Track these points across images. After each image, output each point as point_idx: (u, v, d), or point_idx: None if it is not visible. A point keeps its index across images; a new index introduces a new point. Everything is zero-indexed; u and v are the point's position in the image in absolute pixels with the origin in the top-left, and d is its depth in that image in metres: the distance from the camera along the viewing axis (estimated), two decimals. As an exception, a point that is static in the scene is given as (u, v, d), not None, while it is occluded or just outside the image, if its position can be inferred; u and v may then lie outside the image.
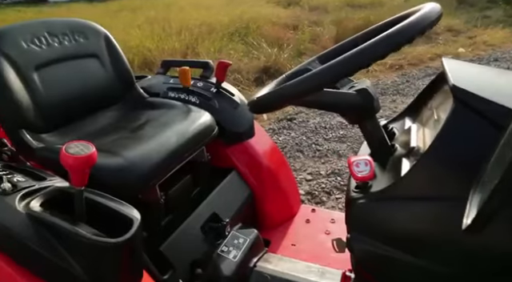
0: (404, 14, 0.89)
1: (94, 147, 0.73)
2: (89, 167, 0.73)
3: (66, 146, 0.72)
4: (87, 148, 0.73)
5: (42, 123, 1.14)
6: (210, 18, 6.55)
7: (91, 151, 0.73)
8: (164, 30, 5.85)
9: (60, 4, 10.89)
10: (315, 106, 0.93)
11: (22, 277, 0.77)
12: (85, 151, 0.72)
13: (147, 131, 1.17)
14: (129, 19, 7.19)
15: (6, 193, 0.80)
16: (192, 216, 1.19)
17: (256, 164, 1.46)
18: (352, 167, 0.75)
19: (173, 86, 1.50)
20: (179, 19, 6.43)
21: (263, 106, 0.84)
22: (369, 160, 0.75)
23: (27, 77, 1.13)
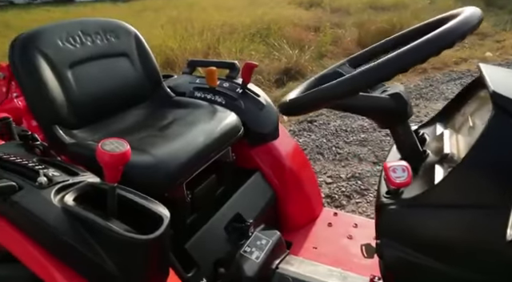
0: (439, 18, 0.87)
1: (128, 145, 0.75)
2: (123, 165, 0.75)
3: (102, 143, 0.74)
4: (122, 146, 0.75)
5: (74, 120, 1.17)
6: (231, 18, 6.58)
7: (126, 148, 0.74)
8: (186, 30, 5.91)
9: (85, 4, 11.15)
10: (347, 110, 0.92)
11: (55, 268, 0.79)
12: (120, 148, 0.74)
13: (174, 130, 1.19)
14: (151, 19, 7.29)
15: (42, 187, 0.83)
16: (216, 216, 1.20)
17: (280, 166, 1.46)
18: (388, 173, 0.74)
19: (199, 85, 1.52)
20: (201, 19, 6.48)
21: (296, 109, 0.84)
22: (406, 166, 0.74)
23: (62, 74, 1.16)
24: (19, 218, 0.81)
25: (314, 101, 0.78)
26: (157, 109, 1.38)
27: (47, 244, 0.79)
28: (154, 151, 1.05)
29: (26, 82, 1.12)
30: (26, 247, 0.80)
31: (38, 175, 0.85)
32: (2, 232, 0.83)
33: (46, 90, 1.11)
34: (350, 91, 0.73)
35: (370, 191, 2.51)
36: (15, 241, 0.81)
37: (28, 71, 1.11)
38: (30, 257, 0.81)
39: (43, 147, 1.25)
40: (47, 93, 1.11)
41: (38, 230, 0.79)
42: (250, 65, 1.45)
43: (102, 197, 0.84)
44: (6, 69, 1.46)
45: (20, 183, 0.83)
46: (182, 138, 1.13)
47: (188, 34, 5.66)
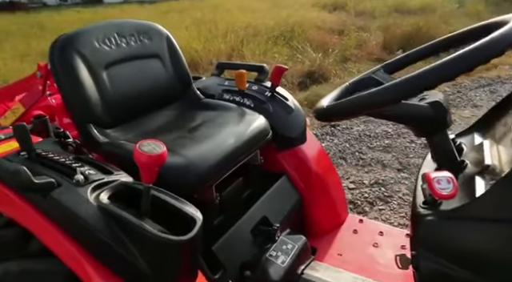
0: (482, 25, 0.84)
1: (165, 147, 0.76)
2: (159, 166, 0.76)
3: (140, 144, 0.75)
4: (159, 147, 0.75)
5: (107, 119, 1.20)
6: (255, 20, 6.60)
7: (162, 150, 0.75)
8: (210, 31, 5.97)
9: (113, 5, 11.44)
10: (383, 117, 0.90)
11: (89, 264, 0.80)
12: (157, 149, 0.75)
13: (204, 132, 1.19)
14: (176, 20, 7.40)
15: (79, 184, 0.85)
16: (243, 218, 1.20)
17: (306, 170, 1.45)
18: (433, 184, 0.72)
19: (228, 88, 1.52)
20: (225, 21, 6.53)
21: (333, 115, 0.83)
22: (451, 177, 0.72)
23: (97, 75, 1.19)
24: (57, 214, 0.83)
25: (354, 108, 0.77)
26: (186, 110, 1.40)
27: (83, 241, 0.81)
28: (185, 153, 1.05)
29: (64, 81, 1.15)
30: (63, 243, 0.82)
31: (74, 173, 0.87)
32: (40, 227, 0.85)
33: (82, 89, 1.14)
34: (393, 99, 0.72)
35: (394, 198, 2.46)
36: (52, 236, 0.84)
37: (66, 71, 1.14)
38: (66, 252, 0.83)
39: (76, 145, 1.28)
40: (83, 92, 1.14)
41: (75, 226, 0.81)
42: (279, 68, 1.45)
43: (134, 196, 0.86)
44: (43, 68, 1.51)
45: (58, 180, 0.85)
46: (212, 140, 1.13)
47: (212, 36, 5.71)
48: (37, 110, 1.67)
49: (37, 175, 0.81)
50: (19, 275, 0.90)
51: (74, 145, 1.26)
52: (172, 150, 1.06)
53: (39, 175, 0.84)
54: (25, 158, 0.96)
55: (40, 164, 0.93)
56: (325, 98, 0.95)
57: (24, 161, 0.94)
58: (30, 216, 0.86)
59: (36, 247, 0.93)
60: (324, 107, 0.83)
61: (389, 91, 0.71)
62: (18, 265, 0.91)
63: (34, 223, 0.86)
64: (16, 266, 0.91)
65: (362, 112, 0.82)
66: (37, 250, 0.94)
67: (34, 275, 0.91)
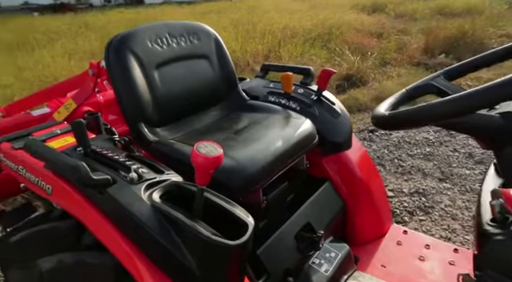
0: None
1: (221, 150, 0.75)
2: (215, 168, 0.75)
3: (197, 145, 0.74)
4: (216, 150, 0.74)
5: (157, 118, 1.21)
6: (293, 22, 6.56)
7: (219, 153, 0.74)
8: (248, 32, 5.99)
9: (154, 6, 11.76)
10: (448, 127, 0.85)
11: (140, 261, 0.81)
12: (214, 152, 0.74)
13: (252, 134, 1.18)
14: (214, 21, 7.48)
15: (133, 182, 0.86)
16: (287, 224, 1.17)
17: (351, 177, 1.40)
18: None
19: (273, 90, 1.50)
20: (263, 22, 6.54)
21: (396, 124, 0.79)
22: None
23: (149, 74, 1.20)
24: (111, 210, 0.84)
25: (424, 117, 0.72)
26: (232, 111, 1.39)
27: (135, 238, 0.82)
28: (234, 154, 1.04)
29: (118, 80, 1.17)
30: (116, 239, 0.83)
31: (129, 171, 0.87)
32: (95, 222, 0.87)
33: (135, 88, 1.16)
34: (468, 109, 0.67)
35: (436, 209, 2.35)
36: (106, 231, 0.85)
37: (120, 70, 1.16)
38: (118, 248, 0.84)
39: (124, 142, 1.31)
40: (136, 91, 1.16)
41: (128, 223, 0.81)
42: (327, 72, 1.41)
43: (185, 197, 0.85)
44: (95, 66, 1.55)
45: (113, 177, 0.86)
46: (261, 142, 1.12)
47: (249, 37, 5.73)
48: (86, 107, 1.72)
49: (93, 171, 0.82)
50: (72, 266, 0.93)
51: (123, 142, 1.29)
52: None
53: (95, 172, 0.85)
54: (81, 153, 0.98)
55: (95, 160, 0.95)
56: (382, 106, 0.90)
57: (81, 157, 0.96)
58: (85, 210, 0.87)
59: (89, 240, 0.95)
60: (386, 116, 0.79)
61: (465, 100, 0.66)
62: (72, 256, 0.93)
63: (88, 218, 0.88)
64: (70, 257, 0.93)
65: (432, 122, 0.77)
66: (90, 243, 0.96)
67: (86, 267, 0.93)
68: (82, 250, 0.95)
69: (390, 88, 4.07)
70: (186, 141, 1.14)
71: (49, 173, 0.94)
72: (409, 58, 5.03)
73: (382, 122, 0.81)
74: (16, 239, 1.05)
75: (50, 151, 0.92)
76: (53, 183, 0.94)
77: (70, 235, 0.98)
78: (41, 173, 0.96)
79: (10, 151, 1.09)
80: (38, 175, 0.98)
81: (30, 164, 0.99)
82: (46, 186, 0.96)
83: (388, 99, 0.93)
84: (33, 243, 1.04)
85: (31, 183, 1.01)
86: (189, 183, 0.88)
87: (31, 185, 1.02)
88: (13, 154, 1.08)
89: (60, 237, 1.00)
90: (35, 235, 1.02)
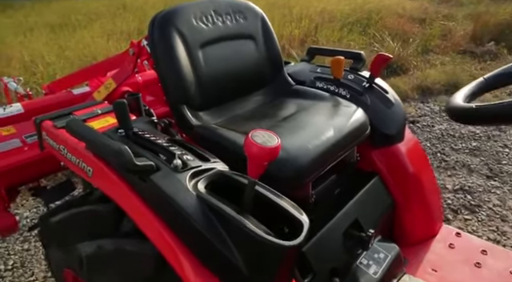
0: None
1: (279, 140, 0.66)
2: (270, 160, 0.66)
3: (253, 133, 0.65)
4: (272, 139, 0.66)
5: (200, 101, 1.13)
6: (330, 5, 6.27)
7: (276, 143, 0.65)
8: (284, 16, 5.78)
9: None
10: None
11: (182, 253, 0.74)
12: (270, 142, 0.65)
13: (301, 121, 1.08)
14: (250, 4, 7.28)
15: (178, 170, 0.78)
16: (334, 220, 1.08)
17: (402, 172, 1.28)
18: None
19: (321, 75, 1.39)
20: (299, 6, 6.29)
21: (490, 118, 0.66)
22: None
23: (193, 54, 1.12)
24: (154, 198, 0.77)
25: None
26: (277, 96, 1.29)
27: (178, 229, 0.75)
28: (283, 143, 0.94)
29: (162, 59, 1.10)
30: (158, 229, 0.77)
31: (173, 157, 0.80)
32: (136, 209, 0.81)
33: (178, 68, 1.08)
34: None
35: (483, 208, 2.18)
36: (147, 220, 0.79)
37: (164, 49, 1.08)
38: (160, 239, 0.77)
39: (165, 125, 1.24)
40: (180, 71, 1.08)
41: (172, 214, 0.74)
42: (383, 57, 1.28)
43: (231, 187, 0.78)
44: (136, 46, 1.49)
45: (157, 164, 0.79)
46: (311, 132, 1.02)
47: (285, 21, 5.53)
48: (125, 87, 1.67)
49: (135, 156, 0.76)
50: (112, 253, 0.88)
51: (163, 125, 1.23)
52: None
53: (138, 156, 0.79)
54: (123, 136, 0.92)
55: (137, 144, 0.88)
56: (457, 96, 0.78)
57: (123, 139, 0.90)
58: (126, 197, 0.82)
59: (128, 227, 0.90)
60: (473, 108, 0.66)
61: None
62: (112, 243, 0.88)
63: (129, 204, 0.82)
64: (110, 244, 0.88)
65: None
66: (129, 229, 0.90)
67: (126, 255, 0.88)
68: (121, 237, 0.90)
69: (433, 77, 3.82)
70: (230, 127, 1.05)
71: (90, 155, 0.89)
72: (454, 46, 4.69)
73: (465, 116, 0.69)
74: (56, 219, 1.01)
75: (92, 132, 0.86)
76: (94, 166, 0.88)
77: (110, 219, 0.93)
78: (82, 154, 0.91)
79: (52, 129, 1.05)
80: (79, 156, 0.93)
81: (72, 145, 0.94)
82: (86, 168, 0.91)
83: (463, 89, 0.80)
84: (72, 225, 1.00)
85: (72, 163, 0.96)
86: (237, 173, 0.80)
87: (72, 166, 0.97)
88: (54, 133, 1.04)
89: (99, 221, 0.95)
90: (75, 217, 0.98)
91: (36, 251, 2.09)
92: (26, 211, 2.45)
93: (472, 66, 4.18)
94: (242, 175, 0.78)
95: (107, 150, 0.76)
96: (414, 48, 4.56)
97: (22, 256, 2.07)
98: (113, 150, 0.73)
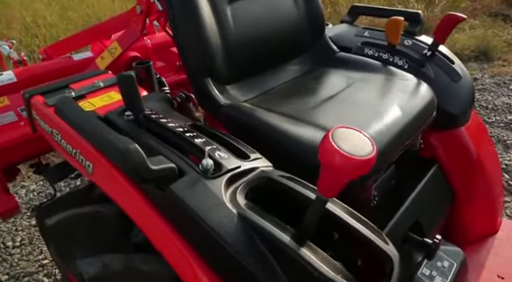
0: None
1: (374, 147, 0.41)
2: (357, 177, 0.42)
3: (334, 134, 0.41)
4: (366, 145, 0.41)
5: (227, 72, 0.87)
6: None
7: (371, 152, 0.41)
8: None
9: None
10: None
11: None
12: (363, 148, 0.41)
13: (356, 101, 0.83)
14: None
15: (209, 175, 0.55)
16: (393, 222, 0.85)
17: (465, 159, 1.04)
18: None
19: (370, 40, 1.10)
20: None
21: None
22: None
23: (220, 11, 0.84)
24: (176, 214, 0.54)
25: None
26: (317, 65, 1.02)
27: (208, 253, 0.53)
28: None
29: (180, 16, 0.82)
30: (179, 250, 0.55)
31: (202, 155, 0.57)
32: (151, 225, 0.58)
33: (202, 29, 0.81)
34: None
35: (523, 189, 1.95)
36: (166, 238, 0.56)
37: (183, 3, 0.81)
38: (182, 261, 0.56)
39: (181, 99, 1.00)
40: (203, 33, 0.81)
41: (200, 235, 0.52)
42: (453, 18, 0.99)
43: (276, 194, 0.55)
44: (145, 2, 1.20)
45: (179, 165, 0.55)
46: (372, 115, 0.77)
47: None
48: (132, 52, 1.41)
49: (148, 152, 0.52)
50: (120, 275, 0.67)
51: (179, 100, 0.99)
52: (316, 123, 0.72)
53: (152, 153, 0.56)
54: (131, 120, 0.68)
55: (150, 133, 0.65)
56: None
57: (131, 126, 0.66)
58: (138, 208, 0.59)
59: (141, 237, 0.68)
60: None
61: None
62: (120, 261, 0.67)
63: (141, 217, 0.60)
64: (117, 262, 0.67)
65: None
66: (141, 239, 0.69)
67: (137, 274, 0.67)
68: (131, 250, 0.68)
69: (461, 42, 3.45)
70: (267, 106, 0.80)
71: (89, 146, 0.65)
72: (484, 8, 4.24)
73: None
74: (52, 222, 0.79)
75: (88, 119, 0.61)
76: (94, 161, 0.65)
77: (116, 224, 0.71)
78: (79, 144, 0.68)
79: (43, 108, 0.81)
80: (76, 145, 0.70)
81: (66, 130, 0.71)
82: (85, 162, 0.68)
83: None
84: (71, 231, 0.79)
85: (67, 153, 0.73)
86: (290, 177, 0.57)
87: (68, 156, 0.74)
88: (45, 112, 0.80)
89: (103, 227, 0.73)
90: (74, 221, 0.77)
91: (44, 227, 1.93)
92: (33, 183, 2.28)
93: (505, 31, 3.77)
94: (300, 181, 0.55)
95: (110, 149, 0.52)
96: (440, 10, 4.13)
97: (29, 233, 1.92)
98: (118, 151, 0.50)
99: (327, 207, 0.51)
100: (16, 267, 1.74)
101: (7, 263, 1.75)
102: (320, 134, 0.68)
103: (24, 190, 2.21)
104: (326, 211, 0.50)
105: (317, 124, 0.72)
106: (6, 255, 1.79)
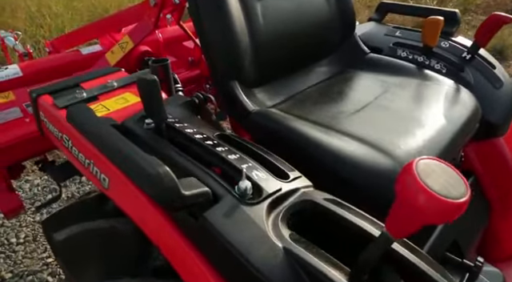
0: None
1: (468, 187, 0.33)
2: (442, 222, 0.34)
3: (418, 165, 0.33)
4: (458, 184, 0.33)
5: (254, 73, 0.78)
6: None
7: (465, 195, 0.33)
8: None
9: None
10: None
11: None
12: (455, 189, 0.33)
13: (398, 110, 0.74)
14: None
15: (247, 200, 0.46)
16: (431, 242, 0.77)
17: (504, 171, 0.96)
18: None
19: (403, 41, 1.01)
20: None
21: None
22: None
23: (249, 5, 0.75)
24: (210, 245, 0.46)
25: None
26: (347, 67, 0.94)
27: None
28: (383, 144, 0.62)
29: (206, 11, 0.73)
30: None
31: (238, 176, 0.48)
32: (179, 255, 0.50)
33: (231, 26, 0.72)
34: None
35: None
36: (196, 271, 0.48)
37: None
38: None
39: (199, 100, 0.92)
40: (232, 31, 0.72)
41: (240, 271, 0.44)
42: (499, 19, 0.90)
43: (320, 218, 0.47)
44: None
45: (213, 187, 0.47)
46: (418, 125, 0.68)
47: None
48: (144, 46, 1.32)
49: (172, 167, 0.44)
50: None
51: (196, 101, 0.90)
52: (361, 138, 0.64)
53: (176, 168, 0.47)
54: (151, 130, 0.60)
55: (175, 145, 0.56)
56: None
57: (151, 137, 0.58)
58: (165, 234, 0.51)
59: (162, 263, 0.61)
60: None
61: None
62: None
63: (168, 245, 0.52)
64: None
65: None
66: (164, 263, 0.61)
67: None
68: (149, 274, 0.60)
69: (474, 41, 3.34)
70: (299, 113, 0.72)
71: (106, 159, 0.57)
72: (498, 5, 4.12)
73: None
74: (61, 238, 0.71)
75: (106, 131, 0.53)
76: (111, 176, 0.57)
77: (134, 244, 0.63)
78: (94, 155, 0.60)
79: (52, 110, 0.73)
80: (89, 155, 0.61)
81: (79, 139, 0.63)
82: (100, 175, 0.59)
83: None
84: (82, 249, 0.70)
85: (79, 162, 0.65)
86: (338, 201, 0.49)
87: (79, 165, 0.66)
88: (55, 116, 0.71)
89: (119, 247, 0.65)
90: (85, 237, 0.68)
91: (49, 224, 1.87)
92: (37, 178, 2.20)
93: (520, 29, 3.66)
94: (351, 207, 0.47)
95: (135, 171, 0.44)
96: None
97: (34, 229, 1.85)
98: (146, 175, 0.41)
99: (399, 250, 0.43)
100: (20, 264, 1.67)
101: (11, 260, 1.68)
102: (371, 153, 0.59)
103: (28, 184, 2.14)
104: (393, 252, 0.42)
105: (363, 139, 0.63)
106: (9, 251, 1.72)
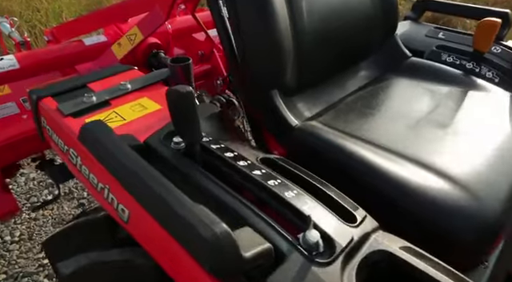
0: None
1: None
2: None
3: None
4: None
5: (295, 79, 0.66)
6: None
7: None
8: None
9: None
10: None
11: None
12: None
13: (455, 127, 0.63)
14: None
15: (320, 260, 0.35)
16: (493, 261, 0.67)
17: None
18: None
19: (447, 44, 0.89)
20: None
21: None
22: None
23: (294, 2, 0.62)
24: None
25: None
26: (387, 71, 0.82)
27: None
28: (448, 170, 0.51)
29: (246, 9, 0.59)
30: None
31: (306, 225, 0.37)
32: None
33: (275, 26, 0.58)
34: None
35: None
36: None
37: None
38: None
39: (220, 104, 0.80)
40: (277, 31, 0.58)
41: None
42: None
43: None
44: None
45: (271, 238, 0.36)
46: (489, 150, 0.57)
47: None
48: (152, 38, 1.20)
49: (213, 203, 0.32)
50: None
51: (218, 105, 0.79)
52: (436, 169, 0.53)
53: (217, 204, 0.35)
54: (182, 151, 0.47)
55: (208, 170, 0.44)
56: None
57: (182, 162, 0.46)
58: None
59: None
60: None
61: None
62: None
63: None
64: None
65: None
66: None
67: None
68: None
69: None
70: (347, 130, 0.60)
71: None
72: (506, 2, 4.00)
73: None
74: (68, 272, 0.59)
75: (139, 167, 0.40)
76: (133, 210, 0.45)
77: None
78: (111, 180, 0.47)
79: (56, 117, 0.60)
80: (105, 180, 0.49)
81: (91, 158, 0.50)
82: (118, 205, 0.47)
83: None
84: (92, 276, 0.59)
85: (90, 185, 0.53)
86: (419, 252, 0.38)
87: (90, 188, 0.54)
88: (60, 124, 0.59)
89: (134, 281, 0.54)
90: (96, 269, 0.57)
91: (44, 221, 1.75)
92: (32, 171, 2.06)
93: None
94: (437, 261, 0.36)
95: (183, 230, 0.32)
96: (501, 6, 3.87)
97: (29, 227, 1.73)
98: (202, 240, 0.29)
99: None
100: (14, 265, 1.55)
101: (5, 260, 1.56)
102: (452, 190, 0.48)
103: (23, 178, 2.00)
104: None
105: (434, 168, 0.52)
106: (3, 250, 1.60)
